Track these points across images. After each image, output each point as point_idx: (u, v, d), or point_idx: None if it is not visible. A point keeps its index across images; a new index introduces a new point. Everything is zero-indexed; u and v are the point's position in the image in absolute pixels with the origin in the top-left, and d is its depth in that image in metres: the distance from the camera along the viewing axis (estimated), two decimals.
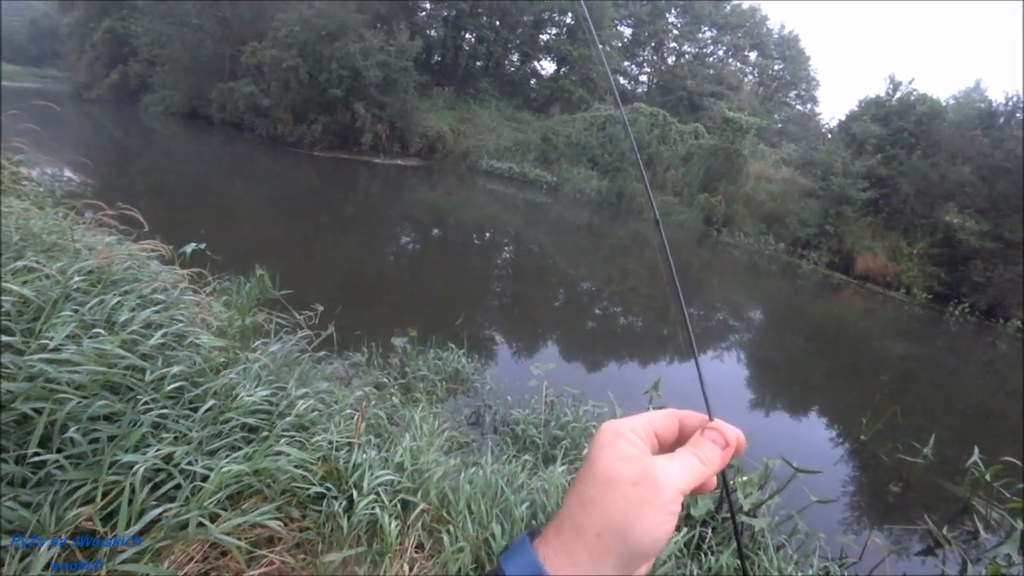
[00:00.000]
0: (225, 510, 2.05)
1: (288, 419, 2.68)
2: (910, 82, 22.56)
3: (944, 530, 4.90)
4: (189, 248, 4.22)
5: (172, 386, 2.30)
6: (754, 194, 23.04)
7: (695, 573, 3.04)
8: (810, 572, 3.38)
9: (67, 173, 10.09)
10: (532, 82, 33.09)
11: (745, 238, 21.26)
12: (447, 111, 26.12)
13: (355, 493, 2.48)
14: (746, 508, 3.76)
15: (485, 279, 11.04)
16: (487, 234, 15.18)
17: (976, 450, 5.62)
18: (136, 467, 1.82)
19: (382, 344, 5.51)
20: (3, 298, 2.06)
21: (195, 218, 10.33)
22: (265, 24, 20.80)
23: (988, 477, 5.48)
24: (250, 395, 2.60)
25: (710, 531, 3.62)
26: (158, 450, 1.96)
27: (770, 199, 22.85)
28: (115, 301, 2.46)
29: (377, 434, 3.27)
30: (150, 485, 1.88)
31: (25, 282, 2.24)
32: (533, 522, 2.70)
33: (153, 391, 2.21)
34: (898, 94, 22.50)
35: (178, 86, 24.59)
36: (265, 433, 2.55)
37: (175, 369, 2.34)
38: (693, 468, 0.44)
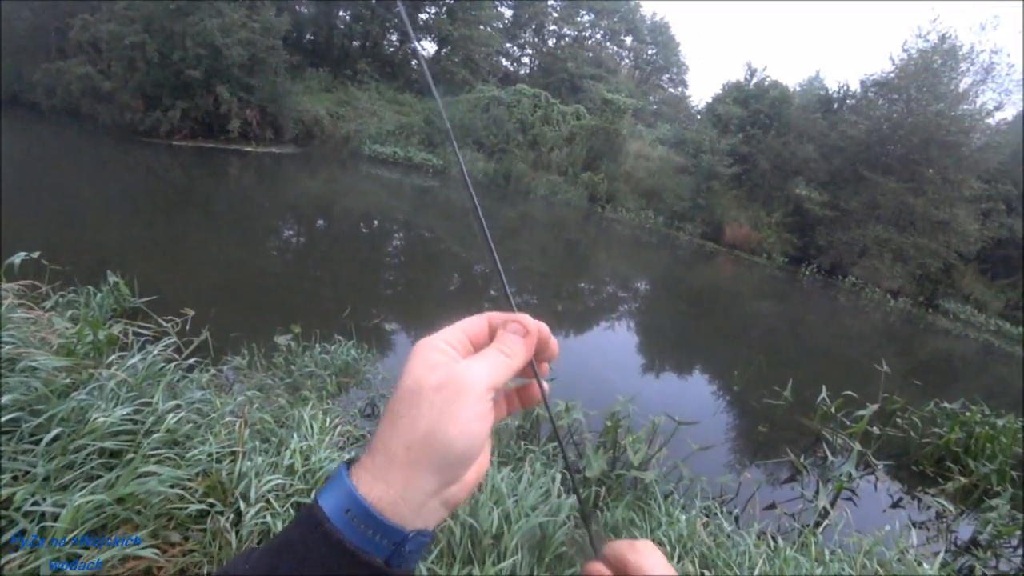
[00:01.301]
0: (87, 548, 1.87)
1: (157, 436, 2.47)
2: (764, 69, 25.28)
3: (802, 458, 5.68)
4: (18, 258, 3.71)
5: (4, 418, 2.03)
6: (634, 172, 24.48)
7: (593, 530, 3.24)
8: (694, 512, 3.72)
9: None
10: (413, 63, 32.23)
11: (627, 213, 22.61)
12: (324, 94, 24.74)
13: (242, 504, 2.36)
14: (636, 463, 4.07)
15: (374, 268, 10.75)
16: (374, 222, 14.74)
17: (824, 388, 6.55)
18: None
19: (264, 344, 5.20)
20: None
21: (26, 225, 8.97)
22: None
23: (834, 410, 6.42)
24: (106, 416, 2.36)
25: (604, 489, 3.89)
26: None
27: (649, 176, 24.42)
28: None
29: (264, 439, 3.12)
30: None
31: None
32: None
33: None
34: (755, 79, 24.97)
35: None
36: (130, 455, 2.34)
37: (5, 399, 2.07)
38: (499, 363, 0.44)
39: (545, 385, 0.51)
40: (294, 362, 5.05)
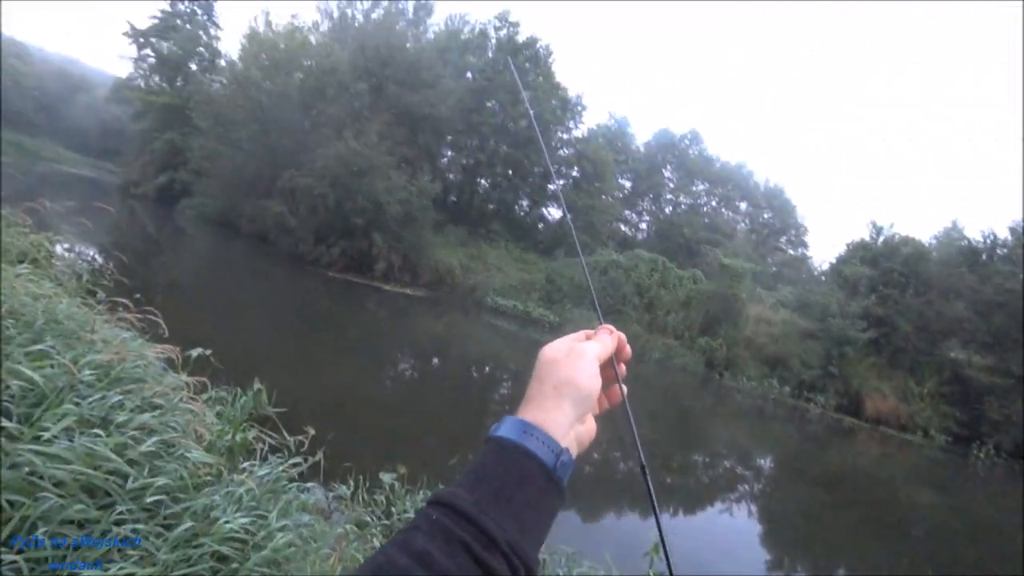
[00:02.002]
0: None
1: (263, 553, 2.47)
2: (891, 226, 23.86)
3: None
4: (195, 353, 4.21)
5: (152, 499, 2.16)
6: (755, 337, 23.23)
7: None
8: None
9: (98, 258, 10.31)
10: (540, 226, 35.15)
11: (748, 381, 21.05)
12: (458, 247, 27.42)
13: None
14: None
15: (483, 415, 10.77)
16: (487, 368, 15.11)
17: None
18: None
19: (370, 477, 5.21)
20: (14, 381, 2.02)
21: (206, 321, 10.41)
22: (305, 156, 22.88)
23: None
24: (229, 521, 2.42)
25: None
26: (121, 567, 1.79)
27: (771, 341, 22.98)
28: (116, 399, 2.41)
29: None
30: None
31: (38, 367, 2.21)
32: None
33: (132, 501, 2.07)
34: (882, 238, 23.55)
35: (216, 196, 26.68)
36: (235, 565, 2.34)
37: (159, 481, 2.21)
38: (598, 345, 0.65)
39: (623, 388, 0.72)
40: (395, 503, 4.95)
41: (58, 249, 5.44)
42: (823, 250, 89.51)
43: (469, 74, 31.24)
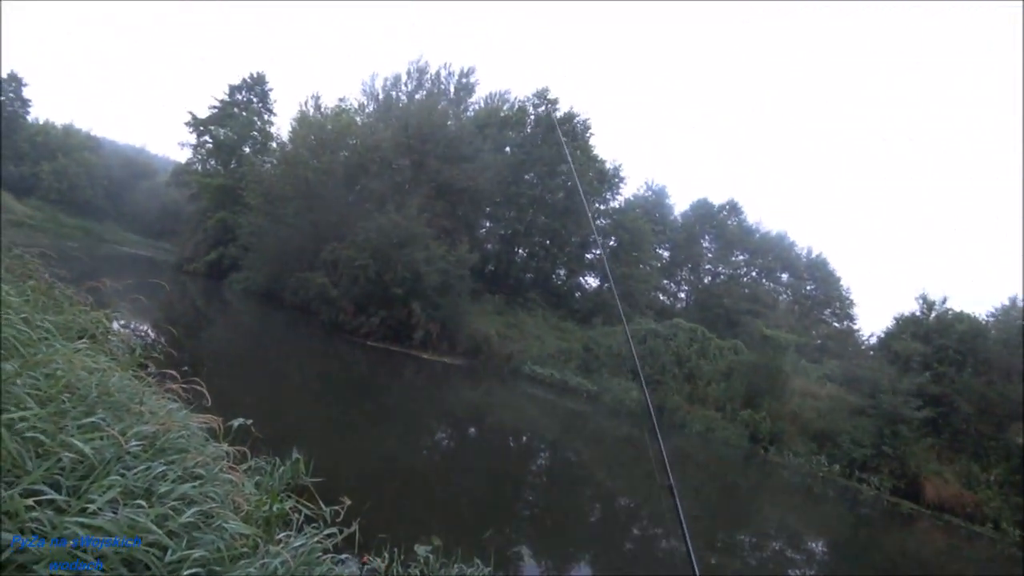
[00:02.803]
0: None
1: None
2: (943, 301, 22.73)
3: None
4: (236, 423, 4.31)
5: (189, 572, 2.16)
6: (800, 411, 22.06)
7: None
8: None
9: (150, 332, 10.85)
10: (577, 295, 35.20)
11: (795, 458, 19.81)
12: (495, 316, 27.62)
13: None
14: None
15: (519, 486, 10.44)
16: (524, 438, 14.77)
17: None
18: None
19: (404, 550, 5.08)
20: (64, 453, 2.12)
21: (249, 391, 10.65)
22: (347, 228, 23.93)
23: None
24: None
25: None
26: None
27: (818, 416, 21.76)
28: (160, 470, 2.48)
29: None
30: None
31: (89, 439, 2.31)
32: None
33: (170, 574, 2.08)
34: (934, 313, 22.48)
35: (262, 269, 27.84)
36: None
37: (197, 553, 2.23)
38: None
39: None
40: None
41: (115, 325, 5.78)
42: (870, 322, 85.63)
43: (508, 148, 32.52)
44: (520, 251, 34.27)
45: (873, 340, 29.71)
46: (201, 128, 37.41)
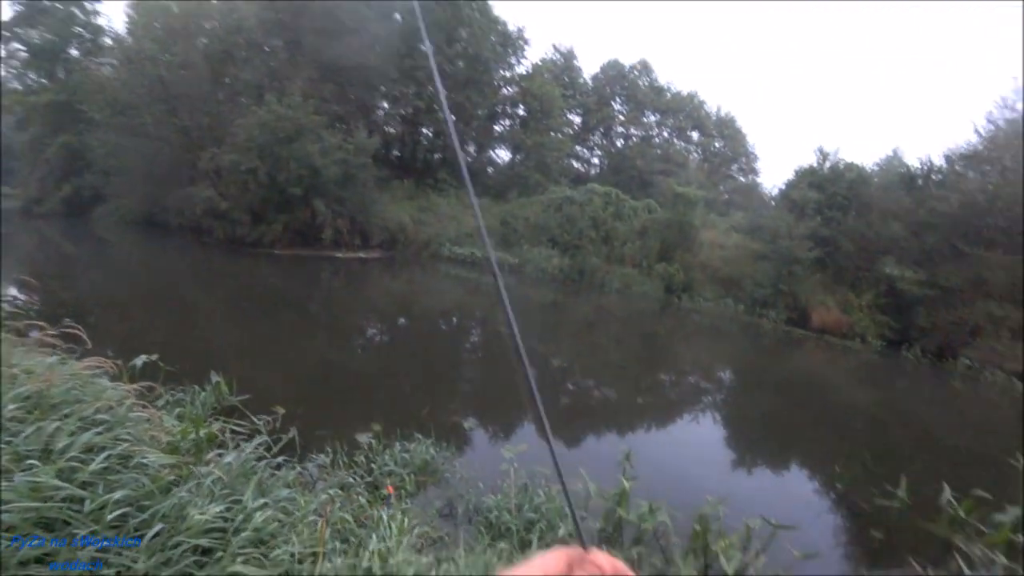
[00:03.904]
0: None
1: (244, 535, 2.52)
2: (836, 152, 24.81)
3: (929, 570, 4.81)
4: (139, 361, 4.10)
5: (115, 514, 2.15)
6: (709, 261, 24.09)
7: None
8: None
9: (11, 293, 9.74)
10: (489, 170, 34.61)
11: (705, 302, 21.97)
12: (407, 202, 26.81)
13: None
14: (731, 572, 3.67)
15: (453, 365, 10.93)
16: (452, 319, 15.19)
17: (947, 488, 5.68)
18: None
19: (347, 443, 5.31)
20: None
21: (149, 329, 10.04)
22: (223, 130, 21.25)
23: (963, 513, 5.51)
24: (202, 513, 2.45)
25: None
26: None
27: (725, 264, 23.90)
28: (53, 427, 2.34)
29: (344, 539, 3.10)
30: None
31: None
32: None
33: (92, 523, 2.06)
34: (828, 163, 24.62)
35: (133, 194, 24.38)
36: (219, 554, 2.39)
37: (118, 495, 2.20)
38: None
39: None
40: (374, 460, 5.09)
41: None
42: (773, 176, 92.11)
43: (397, 15, 29.15)
44: (425, 131, 32.51)
45: (775, 192, 32.18)
46: (6, 34, 29.03)
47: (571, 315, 18.08)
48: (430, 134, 32.57)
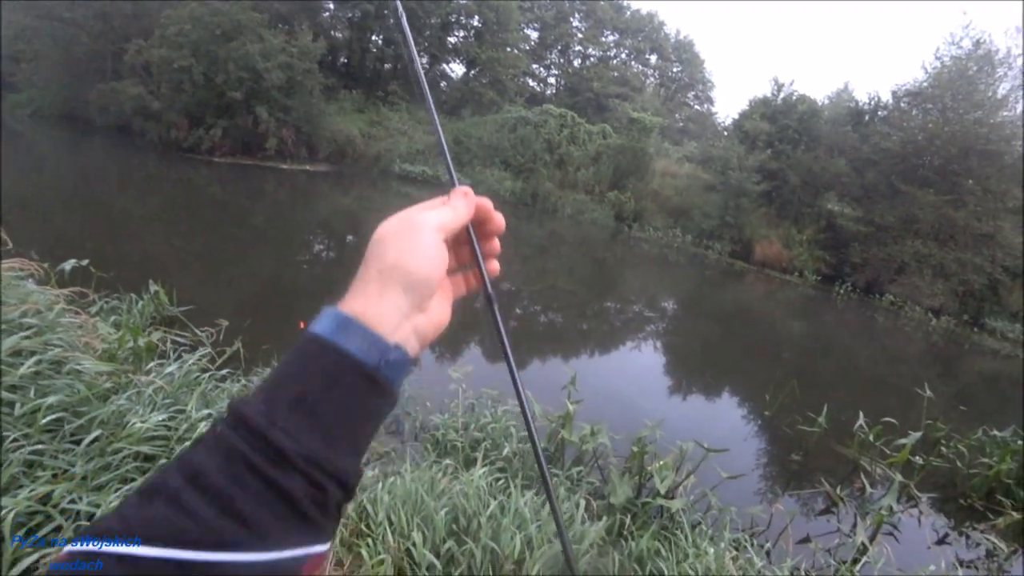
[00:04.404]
0: None
1: (188, 443, 2.50)
2: (791, 84, 24.70)
3: (838, 489, 5.42)
4: (68, 265, 3.86)
5: (48, 418, 2.09)
6: (661, 190, 24.32)
7: (617, 559, 3.16)
8: (723, 544, 3.58)
9: None
10: (442, 84, 32.96)
11: (654, 232, 22.40)
12: (356, 114, 25.40)
13: None
14: (662, 491, 3.95)
15: None
16: None
17: (861, 415, 6.28)
18: (4, 512, 1.64)
19: None
20: None
21: (77, 233, 9.38)
22: (151, 21, 19.13)
23: (872, 438, 6.15)
24: (143, 421, 2.41)
25: (629, 517, 3.79)
26: (32, 491, 1.78)
27: (676, 194, 24.21)
28: None
29: None
30: (24, 530, 1.70)
31: None
32: (454, 526, 2.69)
33: (25, 426, 2.00)
34: (782, 94, 24.57)
35: (49, 86, 22.15)
36: (162, 460, 2.38)
37: (51, 399, 2.13)
38: (444, 211, 0.53)
39: (494, 266, 0.62)
40: None
41: None
42: (728, 106, 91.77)
43: None
44: (374, 38, 30.26)
45: (729, 122, 32.09)
46: None
47: (522, 240, 18.12)
48: (380, 41, 30.38)
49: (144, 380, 2.82)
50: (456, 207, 0.55)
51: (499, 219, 0.60)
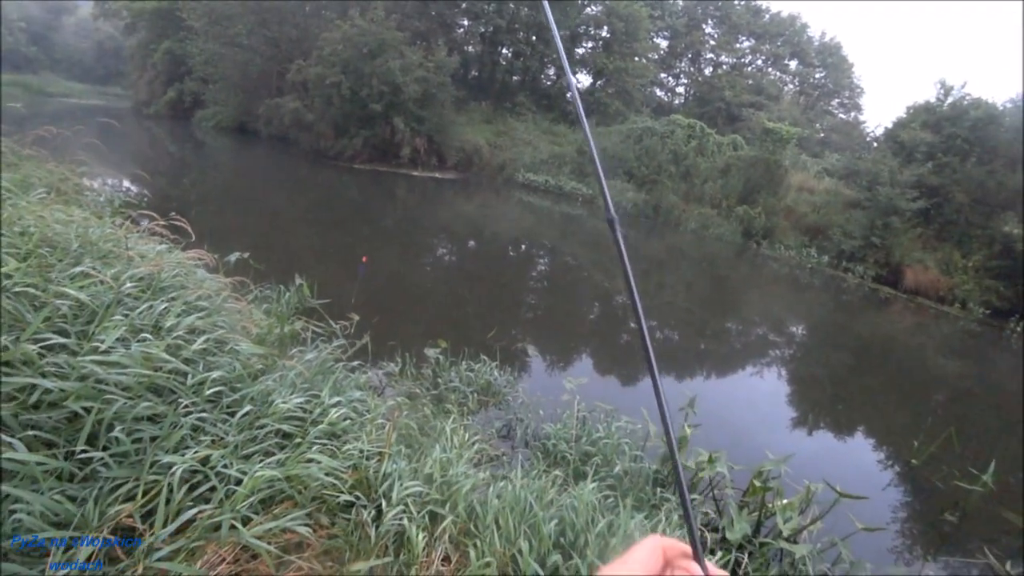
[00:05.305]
0: (257, 514, 2.09)
1: (320, 427, 2.71)
2: (962, 86, 21.51)
3: (1008, 566, 4.57)
4: (233, 257, 4.39)
5: (211, 390, 2.37)
6: (795, 206, 22.41)
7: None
8: None
9: (126, 184, 10.66)
10: (568, 95, 33.22)
11: (786, 251, 20.66)
12: (484, 125, 26.44)
13: (384, 503, 2.48)
14: (785, 533, 3.60)
15: (520, 291, 11.06)
16: (522, 246, 15.21)
17: None
18: (175, 468, 1.88)
19: (415, 355, 5.56)
20: (60, 302, 2.17)
21: (240, 228, 10.74)
22: (310, 43, 21.67)
23: None
24: (285, 402, 2.65)
25: (746, 556, 3.49)
26: (196, 452, 2.02)
27: (812, 211, 22.17)
28: (162, 307, 2.57)
29: (408, 444, 3.28)
30: (187, 486, 1.94)
31: (82, 287, 2.36)
32: (561, 540, 2.65)
33: (193, 395, 2.29)
34: (950, 99, 21.42)
35: (228, 102, 25.95)
36: (298, 440, 2.59)
37: (215, 374, 2.42)
38: None
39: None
40: (440, 375, 5.32)
41: (86, 181, 5.50)
42: (879, 114, 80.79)
43: None
44: (504, 51, 31.40)
45: (880, 132, 28.68)
46: None
47: (642, 253, 17.64)
48: (509, 55, 31.42)
49: (288, 364, 3.11)
50: None
51: None
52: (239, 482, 2.08)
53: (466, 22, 30.35)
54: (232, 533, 1.89)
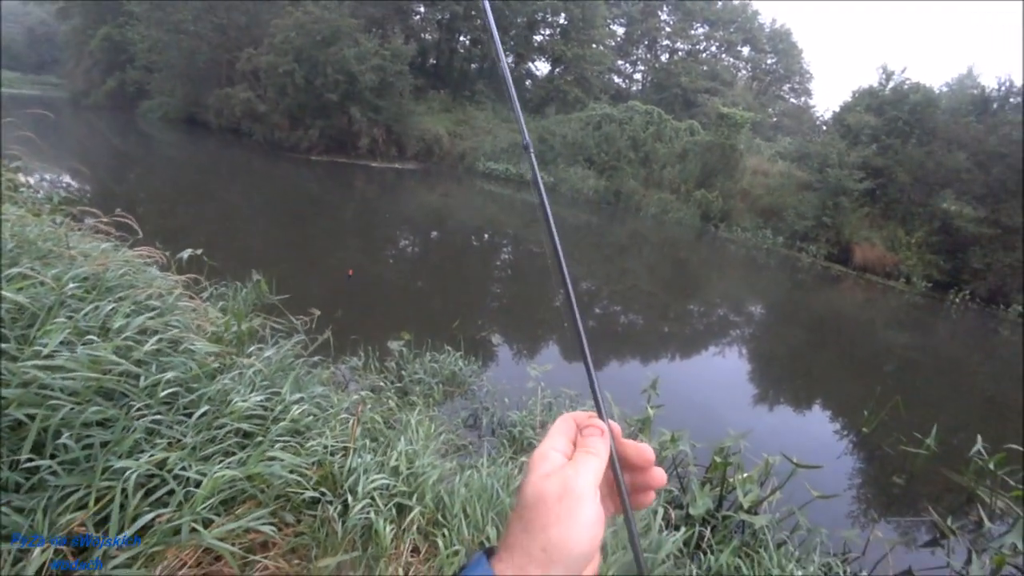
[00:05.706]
0: (218, 515, 2.06)
1: (282, 424, 2.68)
2: (903, 72, 22.62)
3: (949, 521, 4.85)
4: (185, 254, 4.24)
5: (166, 392, 2.30)
6: (751, 189, 23.09)
7: (694, 572, 3.04)
8: (811, 568, 3.34)
9: (65, 179, 10.13)
10: (527, 83, 33.18)
11: (743, 233, 21.30)
12: (443, 114, 26.16)
13: (350, 497, 2.47)
14: (746, 506, 3.75)
15: (483, 281, 11.05)
16: (485, 236, 15.18)
17: (979, 439, 5.62)
18: (129, 473, 1.83)
19: (379, 348, 5.51)
20: None
21: (193, 224, 10.36)
22: (261, 30, 20.91)
23: (992, 466, 5.46)
24: (244, 400, 2.60)
25: (709, 530, 3.62)
26: (151, 456, 1.97)
27: (767, 193, 22.88)
28: (109, 308, 2.48)
29: (373, 438, 3.27)
30: (143, 491, 1.89)
31: (20, 289, 2.25)
32: None
33: (147, 397, 2.22)
34: (891, 84, 22.45)
35: (175, 92, 24.76)
36: (259, 438, 2.55)
37: (169, 375, 2.35)
38: (594, 465, 0.50)
39: (647, 498, 0.56)
40: (404, 367, 5.30)
41: (21, 177, 5.19)
42: (828, 98, 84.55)
43: None
44: (462, 38, 31.02)
45: (828, 116, 29.74)
46: None
47: (604, 238, 17.86)
48: (467, 42, 31.09)
49: (246, 362, 3.04)
50: (600, 452, 0.52)
51: (617, 430, 0.56)
52: (199, 484, 2.04)
53: (422, 9, 29.85)
54: (193, 536, 1.86)
